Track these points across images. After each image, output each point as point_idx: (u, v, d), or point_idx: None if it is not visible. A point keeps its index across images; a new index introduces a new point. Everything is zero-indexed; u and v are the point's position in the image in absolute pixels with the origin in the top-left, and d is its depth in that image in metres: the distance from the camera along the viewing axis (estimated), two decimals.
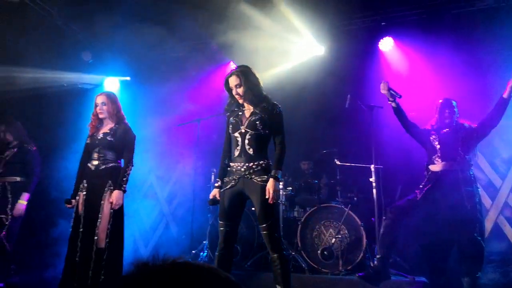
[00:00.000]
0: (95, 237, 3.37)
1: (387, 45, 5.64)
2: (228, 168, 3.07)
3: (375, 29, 5.69)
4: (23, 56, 5.06)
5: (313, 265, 4.41)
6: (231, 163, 3.05)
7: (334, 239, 4.41)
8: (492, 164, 5.16)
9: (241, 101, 3.08)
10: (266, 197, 2.84)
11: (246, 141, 2.97)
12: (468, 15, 5.21)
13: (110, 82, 6.44)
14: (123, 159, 3.66)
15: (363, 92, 5.07)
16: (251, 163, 2.94)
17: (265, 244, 2.96)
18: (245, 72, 3.06)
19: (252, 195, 2.93)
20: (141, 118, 5.30)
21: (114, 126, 3.69)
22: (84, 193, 3.51)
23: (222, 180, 3.08)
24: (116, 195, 3.46)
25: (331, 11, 5.43)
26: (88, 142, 3.69)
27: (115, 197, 3.45)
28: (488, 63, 5.02)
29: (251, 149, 2.96)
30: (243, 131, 3.00)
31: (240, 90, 3.02)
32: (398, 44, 5.60)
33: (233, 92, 3.07)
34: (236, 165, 3.00)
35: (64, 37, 5.84)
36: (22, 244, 4.74)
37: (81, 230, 3.40)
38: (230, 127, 3.09)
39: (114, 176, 3.55)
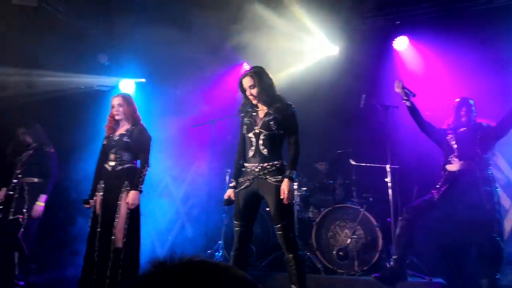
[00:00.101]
0: (113, 237, 3.42)
1: (401, 44, 5.57)
2: (242, 169, 3.08)
3: (389, 28, 5.64)
4: (41, 60, 5.15)
5: (328, 265, 4.38)
6: (245, 164, 3.06)
7: (349, 240, 4.38)
8: None
9: (255, 102, 3.09)
10: (281, 197, 2.84)
11: (261, 142, 2.98)
12: (484, 13, 5.12)
13: (126, 84, 6.52)
14: (139, 159, 3.71)
15: (378, 92, 5.03)
16: (266, 163, 2.95)
17: (280, 244, 2.96)
18: (259, 73, 3.07)
19: (267, 195, 2.94)
20: (156, 119, 5.35)
21: (130, 127, 3.73)
22: (101, 193, 3.56)
23: (236, 180, 3.09)
24: (133, 195, 3.51)
25: (344, 11, 5.40)
26: (104, 143, 3.74)
27: (131, 197, 3.50)
28: (505, 60, 4.92)
29: (265, 150, 2.97)
30: (257, 131, 3.01)
31: (254, 91, 3.03)
32: (413, 43, 5.53)
33: (247, 93, 3.08)
34: (250, 165, 3.00)
35: (81, 40, 5.93)
36: (42, 244, 4.83)
37: (98, 230, 3.46)
38: (244, 128, 3.11)
39: (131, 176, 3.60)
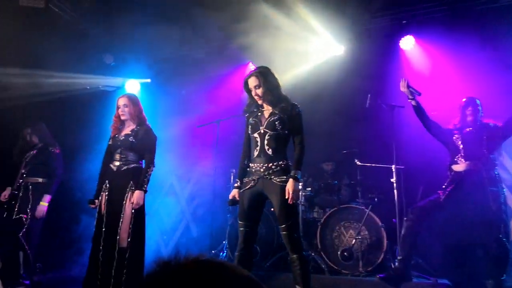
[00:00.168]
0: (117, 237, 3.43)
1: (408, 43, 5.53)
2: (247, 169, 3.08)
3: (395, 28, 5.60)
4: (47, 60, 5.17)
5: (333, 266, 4.37)
6: (250, 164, 3.06)
7: (354, 240, 4.37)
8: None
9: (260, 102, 3.08)
10: (286, 197, 2.84)
11: (265, 142, 2.98)
12: (492, 12, 5.07)
13: (131, 84, 6.54)
14: (144, 160, 3.71)
15: (383, 92, 5.00)
16: (271, 163, 2.95)
17: (285, 244, 2.95)
18: (264, 73, 3.06)
19: (272, 195, 2.93)
20: (161, 120, 5.36)
21: (136, 127, 3.74)
22: (107, 193, 3.57)
23: (241, 180, 3.09)
24: (137, 195, 3.51)
25: (350, 10, 5.38)
26: (110, 143, 3.75)
27: (136, 197, 3.51)
28: None
29: (270, 150, 2.96)
30: (262, 131, 3.01)
31: (259, 91, 3.03)
32: (419, 42, 5.49)
33: (253, 93, 3.08)
34: (255, 165, 3.00)
35: (86, 40, 5.95)
36: (47, 243, 4.85)
37: (103, 229, 3.47)
38: (249, 128, 3.11)
39: (136, 176, 3.61)
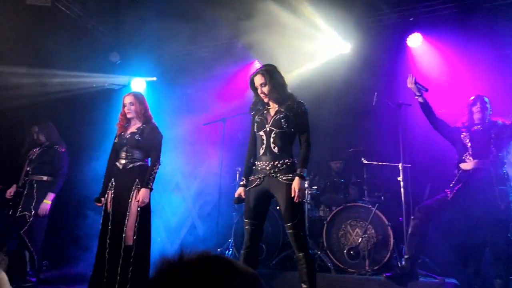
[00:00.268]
0: (123, 235, 3.43)
1: (415, 41, 5.48)
2: (253, 167, 3.08)
3: (402, 25, 5.56)
4: (53, 59, 5.19)
5: (339, 264, 4.36)
6: (256, 162, 3.05)
7: (360, 239, 4.35)
8: None
9: (266, 100, 3.08)
10: (292, 195, 2.83)
11: (271, 140, 2.97)
12: (501, 9, 5.02)
13: (137, 82, 6.55)
14: (150, 158, 3.71)
15: (390, 90, 4.97)
16: (276, 161, 2.94)
17: (291, 243, 2.94)
18: (270, 71, 3.05)
19: (277, 193, 2.92)
20: (167, 118, 5.37)
21: (142, 125, 3.75)
22: (113, 191, 3.58)
23: (247, 178, 3.09)
24: (143, 193, 3.52)
25: (356, 8, 5.34)
26: (116, 141, 3.76)
27: (141, 195, 3.51)
28: None
29: (276, 148, 2.95)
30: (268, 129, 3.00)
31: (265, 89, 3.03)
32: (427, 40, 5.44)
33: (258, 91, 3.07)
34: (261, 163, 2.99)
35: (92, 39, 5.97)
36: (54, 241, 4.88)
37: (109, 227, 3.48)
38: (255, 126, 3.10)
39: (142, 174, 3.61)
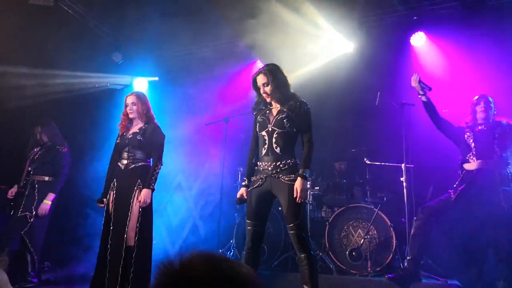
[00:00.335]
0: (125, 235, 3.42)
1: (419, 40, 5.44)
2: (255, 167, 3.06)
3: (406, 24, 5.52)
4: (55, 59, 5.17)
5: (341, 266, 4.33)
6: (258, 162, 3.03)
7: (362, 240, 4.32)
8: None
9: (268, 99, 3.06)
10: (294, 196, 2.81)
11: (273, 140, 2.95)
12: (506, 7, 4.96)
13: (139, 82, 6.54)
14: (152, 158, 3.70)
15: (393, 89, 4.94)
16: (278, 162, 2.92)
17: (293, 244, 2.93)
18: (272, 70, 3.03)
19: (280, 194, 2.91)
20: (169, 118, 5.35)
21: (144, 125, 3.73)
22: (114, 192, 3.57)
23: (249, 179, 3.07)
24: (145, 193, 3.51)
25: (360, 7, 5.31)
26: (118, 141, 3.75)
27: (143, 195, 3.50)
28: None
29: (278, 148, 2.93)
30: (270, 129, 2.98)
31: (267, 89, 3.01)
32: (431, 38, 5.40)
33: (261, 91, 3.05)
34: (263, 164, 2.98)
35: (95, 38, 5.96)
36: (56, 241, 4.87)
37: (111, 228, 3.47)
38: (257, 126, 3.08)
39: (143, 175, 3.60)
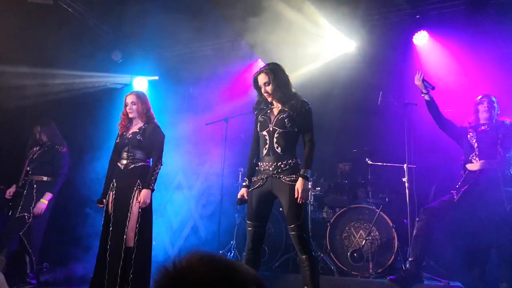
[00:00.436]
0: (124, 236, 3.39)
1: (422, 39, 5.40)
2: (256, 168, 3.03)
3: (408, 23, 5.47)
4: (55, 58, 5.14)
5: (342, 267, 4.30)
6: (259, 162, 3.01)
7: (364, 241, 4.29)
8: None
9: (270, 99, 3.03)
10: (295, 197, 2.78)
11: (274, 140, 2.92)
12: (509, 5, 4.91)
13: (139, 81, 6.50)
14: (152, 158, 3.67)
15: (396, 89, 4.90)
16: (280, 162, 2.89)
17: (294, 245, 2.90)
18: (274, 69, 3.00)
19: (281, 195, 2.88)
20: (169, 118, 5.32)
21: (143, 125, 3.70)
22: (114, 192, 3.54)
23: (250, 179, 3.05)
24: (144, 194, 3.47)
25: (364, 5, 5.27)
26: (117, 141, 3.72)
27: (143, 196, 3.47)
28: None
29: (279, 148, 2.91)
30: (271, 129, 2.95)
31: (269, 88, 2.98)
32: (434, 37, 5.35)
33: (262, 90, 3.02)
34: (264, 164, 2.95)
35: (94, 37, 5.92)
36: (55, 241, 4.84)
37: (111, 229, 3.44)
38: (258, 126, 3.06)
39: (143, 175, 3.57)
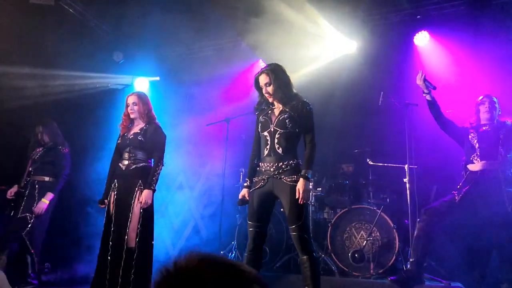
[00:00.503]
0: (126, 236, 3.40)
1: (422, 39, 5.40)
2: (257, 168, 3.03)
3: (409, 23, 5.48)
4: (56, 58, 5.15)
5: (343, 268, 4.30)
6: (260, 163, 3.01)
7: (365, 242, 4.29)
8: None
9: (271, 99, 3.03)
10: (296, 197, 2.78)
11: (276, 140, 2.92)
12: (511, 5, 4.92)
13: (140, 82, 6.51)
14: (153, 158, 3.67)
15: (397, 89, 4.90)
16: (281, 162, 2.89)
17: (295, 245, 2.90)
18: (275, 70, 3.01)
19: (282, 195, 2.88)
20: (170, 118, 5.31)
21: (145, 126, 3.70)
22: (115, 193, 3.55)
23: (251, 180, 3.05)
24: (146, 194, 3.48)
25: (364, 5, 5.27)
26: (119, 142, 3.72)
27: (144, 196, 3.47)
28: None
29: (280, 148, 2.91)
30: (272, 130, 2.95)
31: (270, 89, 2.98)
32: (434, 38, 5.36)
33: (263, 91, 3.02)
34: (265, 165, 2.95)
35: (96, 38, 5.94)
36: (57, 242, 4.84)
37: (112, 229, 3.45)
38: (259, 126, 3.06)
39: (144, 175, 3.57)
